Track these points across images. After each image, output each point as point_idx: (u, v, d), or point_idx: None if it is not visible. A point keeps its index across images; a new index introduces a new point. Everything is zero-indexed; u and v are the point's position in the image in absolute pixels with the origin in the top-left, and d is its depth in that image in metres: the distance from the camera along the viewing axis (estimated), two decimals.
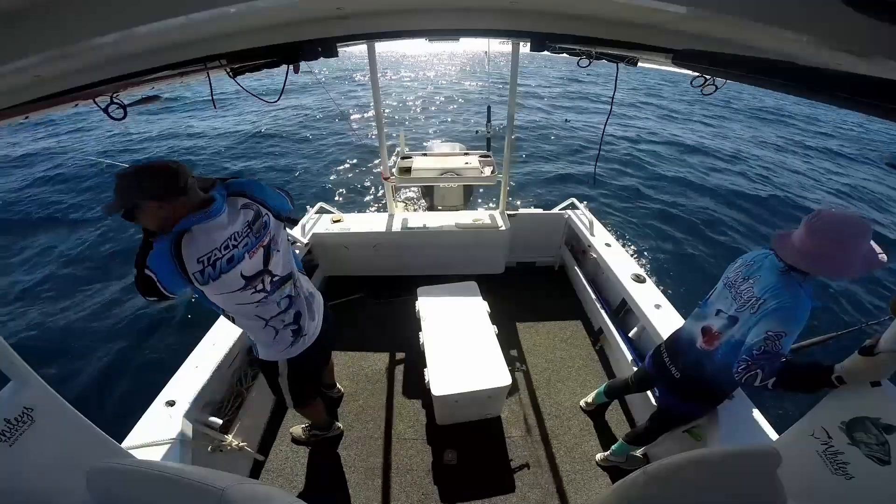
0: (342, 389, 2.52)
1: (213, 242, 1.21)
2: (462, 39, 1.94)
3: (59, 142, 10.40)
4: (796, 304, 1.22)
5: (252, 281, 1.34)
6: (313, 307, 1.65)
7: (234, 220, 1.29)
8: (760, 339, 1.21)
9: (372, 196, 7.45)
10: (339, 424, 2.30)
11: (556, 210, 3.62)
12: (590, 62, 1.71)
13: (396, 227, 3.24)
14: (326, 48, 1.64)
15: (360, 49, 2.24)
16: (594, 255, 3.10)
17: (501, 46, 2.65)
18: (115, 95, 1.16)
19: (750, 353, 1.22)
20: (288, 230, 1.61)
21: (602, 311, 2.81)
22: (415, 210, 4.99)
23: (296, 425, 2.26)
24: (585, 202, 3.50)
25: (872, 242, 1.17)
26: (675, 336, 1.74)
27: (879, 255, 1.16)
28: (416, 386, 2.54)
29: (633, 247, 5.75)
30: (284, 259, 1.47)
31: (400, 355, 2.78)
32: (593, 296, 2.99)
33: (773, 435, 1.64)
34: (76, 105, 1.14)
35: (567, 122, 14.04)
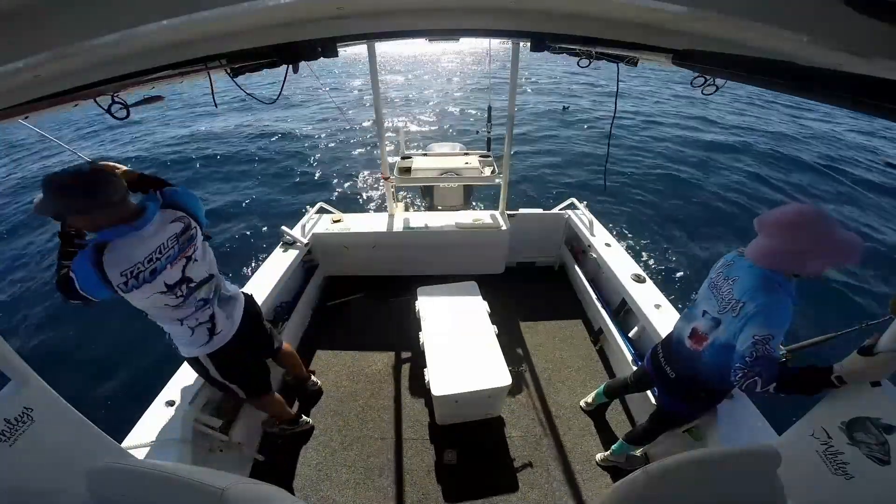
0: (318, 382, 2.53)
1: (136, 256, 1.25)
2: (462, 39, 1.94)
3: None
4: (776, 305, 1.21)
5: (173, 289, 1.40)
6: (232, 307, 1.69)
7: (162, 233, 1.33)
8: (749, 344, 1.19)
9: (371, 196, 7.45)
10: (309, 419, 2.31)
11: (556, 210, 3.62)
12: (590, 62, 1.71)
13: (396, 227, 3.24)
14: (326, 48, 1.64)
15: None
16: (594, 255, 3.10)
17: (502, 45, 2.65)
18: (115, 95, 1.17)
19: (743, 360, 1.20)
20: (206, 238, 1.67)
21: (602, 311, 2.81)
22: (415, 210, 4.99)
23: (267, 417, 2.26)
24: (585, 202, 3.50)
25: (841, 229, 1.15)
26: (669, 337, 1.74)
27: (852, 239, 1.14)
28: (416, 386, 2.54)
29: (632, 246, 5.75)
30: (203, 264, 1.53)
31: (400, 355, 2.78)
32: (593, 296, 2.99)
33: (773, 435, 1.63)
34: (76, 105, 1.14)
35: (566, 110, 14.02)
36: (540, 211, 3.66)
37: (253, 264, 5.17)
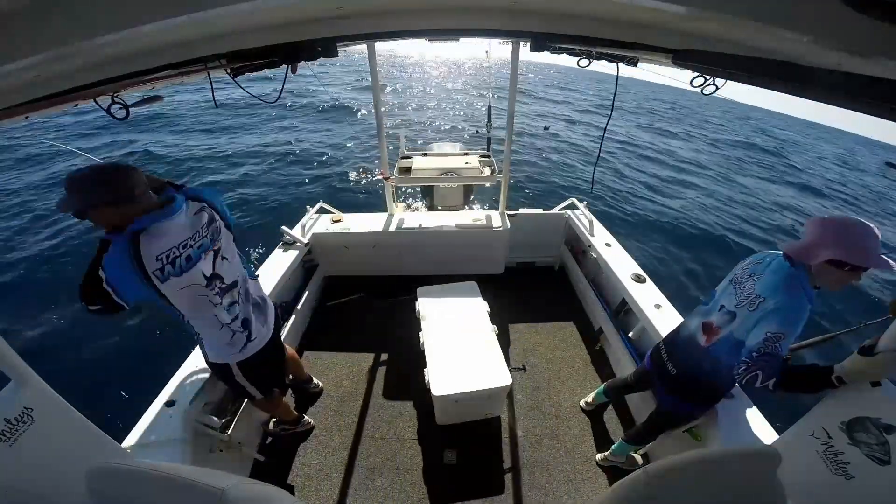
0: (320, 384, 2.53)
1: (171, 241, 1.25)
2: (462, 39, 1.94)
3: None
4: (795, 306, 1.22)
5: (212, 281, 1.40)
6: (265, 312, 1.70)
7: (192, 221, 1.34)
8: (760, 340, 1.21)
9: (372, 196, 7.45)
10: (310, 420, 2.31)
11: (556, 210, 3.62)
12: (590, 62, 1.71)
13: (396, 227, 3.24)
14: (326, 48, 1.64)
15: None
16: (594, 255, 3.10)
17: (502, 53, 2.65)
18: (115, 95, 1.17)
19: (750, 354, 1.22)
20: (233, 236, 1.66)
21: (602, 311, 2.81)
22: (415, 210, 4.99)
23: (268, 418, 2.26)
24: (585, 202, 3.50)
25: (878, 246, 1.15)
26: (676, 332, 1.74)
27: (883, 259, 1.14)
28: (417, 386, 2.54)
29: (632, 247, 5.75)
30: (232, 267, 1.54)
31: (400, 355, 2.78)
32: (593, 296, 2.99)
33: (773, 435, 1.63)
34: (76, 105, 1.14)
35: (546, 130, 14.08)
36: (540, 211, 3.66)
37: (253, 264, 5.17)
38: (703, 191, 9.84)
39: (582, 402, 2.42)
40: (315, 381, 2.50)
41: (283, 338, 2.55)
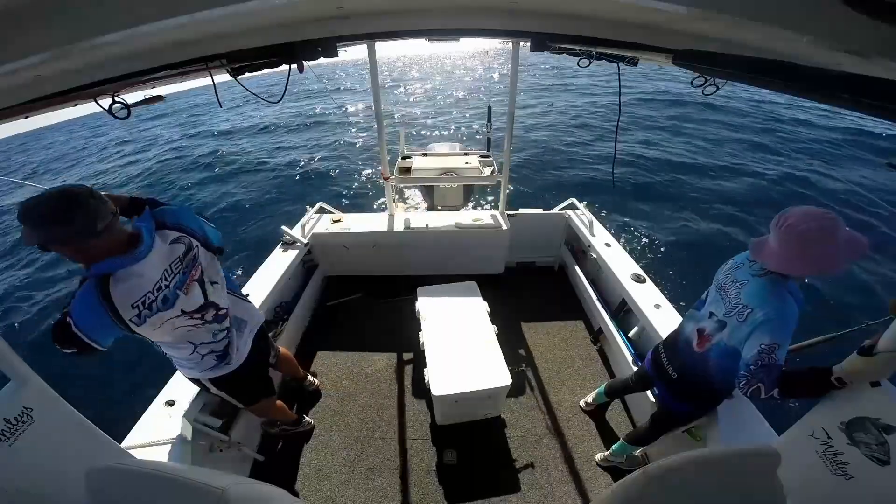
0: (316, 382, 2.53)
1: (144, 286, 1.14)
2: (462, 39, 1.94)
3: None
4: (783, 312, 1.21)
5: (194, 314, 1.31)
6: (242, 334, 1.62)
7: (164, 257, 1.22)
8: (755, 353, 1.19)
9: (372, 196, 7.45)
10: (310, 420, 2.30)
11: (556, 210, 3.62)
12: (590, 62, 1.71)
13: (396, 227, 3.24)
14: (326, 48, 1.64)
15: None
16: (594, 255, 3.10)
17: (502, 45, 2.66)
18: (116, 95, 1.17)
19: (748, 368, 1.20)
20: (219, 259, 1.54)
21: (602, 311, 2.81)
22: (415, 209, 4.99)
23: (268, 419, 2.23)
24: (585, 202, 3.50)
25: (848, 228, 1.14)
26: (673, 336, 1.74)
27: (860, 239, 1.13)
28: (416, 386, 2.54)
29: (632, 246, 5.74)
30: (223, 288, 1.47)
31: (400, 355, 2.78)
32: (593, 296, 2.99)
33: (773, 435, 1.63)
34: (76, 105, 1.14)
35: (551, 107, 13.98)
36: (540, 211, 3.66)
37: (253, 264, 5.18)
38: None
39: (582, 403, 2.42)
40: (310, 378, 2.49)
41: (281, 337, 2.56)
